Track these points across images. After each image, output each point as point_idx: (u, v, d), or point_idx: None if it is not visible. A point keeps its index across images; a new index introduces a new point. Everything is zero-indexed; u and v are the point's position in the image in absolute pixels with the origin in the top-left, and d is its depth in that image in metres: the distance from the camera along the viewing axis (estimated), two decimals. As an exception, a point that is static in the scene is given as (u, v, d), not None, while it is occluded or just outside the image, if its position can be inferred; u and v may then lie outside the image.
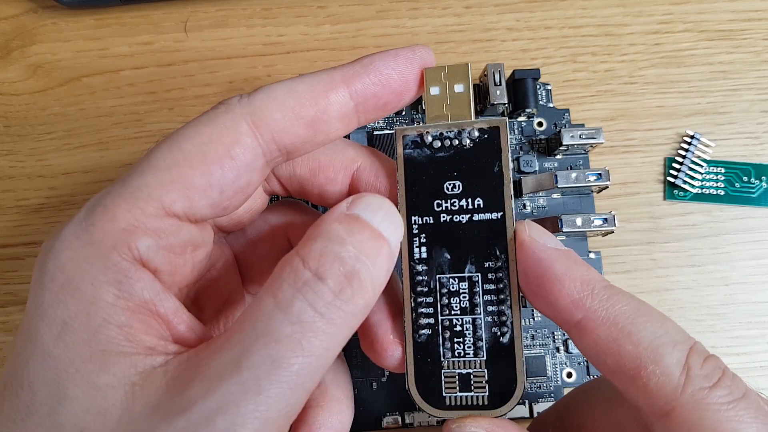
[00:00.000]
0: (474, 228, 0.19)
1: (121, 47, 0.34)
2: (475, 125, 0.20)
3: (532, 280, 0.19)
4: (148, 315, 0.17)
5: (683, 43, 0.35)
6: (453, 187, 0.20)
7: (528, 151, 0.32)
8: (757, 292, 0.32)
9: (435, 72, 0.20)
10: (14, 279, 0.32)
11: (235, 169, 0.18)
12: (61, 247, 0.17)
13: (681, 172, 0.33)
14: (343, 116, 0.19)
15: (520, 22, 0.35)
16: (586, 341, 0.18)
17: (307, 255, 0.17)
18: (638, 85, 0.34)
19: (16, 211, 0.33)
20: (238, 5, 0.35)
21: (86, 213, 0.17)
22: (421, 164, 0.20)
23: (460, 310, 0.19)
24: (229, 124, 0.18)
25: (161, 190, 0.17)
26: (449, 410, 0.19)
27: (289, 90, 0.18)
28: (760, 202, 0.33)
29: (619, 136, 0.34)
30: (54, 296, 0.16)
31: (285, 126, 0.18)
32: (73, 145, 0.33)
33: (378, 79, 0.19)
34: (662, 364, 0.17)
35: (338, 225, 0.17)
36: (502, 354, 0.19)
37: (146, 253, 0.17)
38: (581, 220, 0.29)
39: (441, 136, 0.20)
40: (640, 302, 0.18)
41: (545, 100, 0.33)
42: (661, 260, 0.32)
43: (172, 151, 0.17)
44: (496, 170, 0.19)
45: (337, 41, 0.34)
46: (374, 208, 0.18)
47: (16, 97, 0.34)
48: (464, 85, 0.20)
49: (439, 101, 0.20)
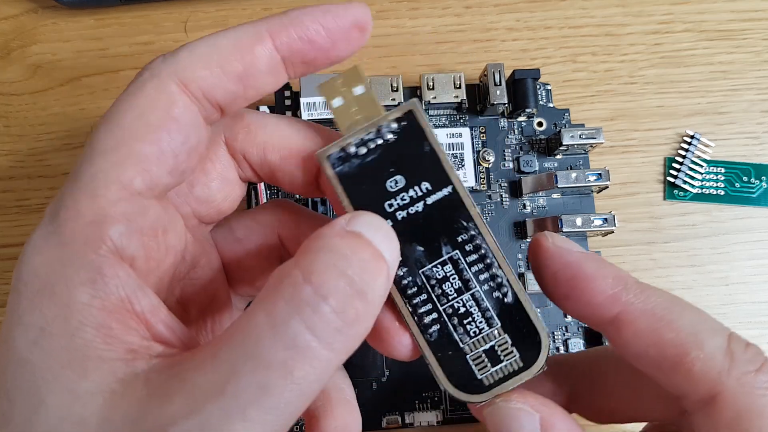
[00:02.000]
0: (432, 211, 0.19)
1: (121, 47, 0.34)
2: (389, 117, 0.19)
3: (564, 284, 0.19)
4: (126, 314, 0.16)
5: (683, 43, 0.35)
6: (396, 183, 0.19)
7: (528, 151, 0.32)
8: (757, 292, 0.32)
9: (330, 85, 0.20)
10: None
11: (181, 129, 0.17)
12: (32, 252, 0.16)
13: (681, 172, 0.33)
14: (271, 70, 0.18)
15: (520, 22, 0.35)
16: (626, 334, 0.18)
17: (309, 267, 0.15)
18: (638, 85, 0.34)
19: (16, 211, 0.33)
20: (238, 5, 0.35)
21: (51, 215, 0.17)
22: (355, 175, 0.19)
23: (456, 292, 0.19)
24: (160, 87, 0.17)
25: (117, 171, 0.17)
26: (492, 389, 0.19)
27: (212, 45, 0.18)
28: (760, 202, 0.33)
29: (619, 136, 0.34)
30: (29, 302, 0.16)
31: (213, 82, 0.18)
32: (73, 145, 0.33)
33: (305, 35, 0.18)
34: (705, 349, 0.17)
35: (340, 240, 0.17)
36: (513, 312, 0.19)
37: (119, 240, 0.16)
38: (581, 220, 0.29)
39: (363, 141, 0.19)
40: (673, 294, 0.18)
41: (545, 100, 0.33)
42: (661, 260, 0.32)
43: (113, 130, 0.17)
44: (427, 149, 0.19)
45: (337, 41, 0.34)
46: (375, 228, 0.18)
47: (16, 97, 0.34)
48: (362, 86, 0.20)
49: (346, 110, 0.20)
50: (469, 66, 0.34)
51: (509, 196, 0.32)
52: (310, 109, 0.30)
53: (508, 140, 0.32)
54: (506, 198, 0.32)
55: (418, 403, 0.30)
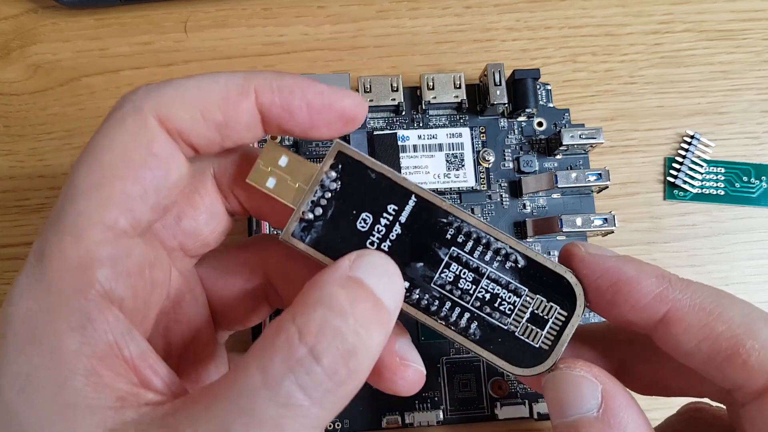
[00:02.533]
0: (410, 226, 0.19)
1: (121, 47, 0.34)
2: (325, 168, 0.19)
3: (606, 290, 0.19)
4: (116, 360, 0.16)
5: (683, 43, 0.35)
6: (365, 221, 0.19)
7: (528, 151, 0.32)
8: (757, 292, 0.32)
9: (256, 174, 0.20)
10: (14, 279, 0.32)
11: (163, 165, 0.17)
12: (19, 297, 0.16)
13: (681, 172, 0.33)
14: (250, 126, 0.18)
15: (520, 22, 0.35)
16: (676, 331, 0.18)
17: (305, 326, 0.15)
18: (638, 85, 0.34)
19: (16, 211, 0.33)
20: (238, 5, 0.35)
21: (35, 258, 0.16)
22: (326, 236, 0.19)
23: (473, 283, 0.19)
24: (139, 121, 0.17)
25: (100, 212, 0.16)
26: (553, 350, 0.19)
27: (199, 88, 0.18)
28: (760, 202, 0.33)
29: (619, 136, 0.34)
30: (18, 350, 0.15)
31: (191, 126, 0.18)
32: (73, 145, 0.33)
33: (287, 105, 0.18)
34: (760, 338, 0.17)
35: (340, 290, 0.16)
36: (531, 272, 0.19)
37: (107, 284, 0.16)
38: (581, 220, 0.29)
39: (314, 203, 0.19)
40: (716, 288, 0.18)
41: (545, 100, 0.33)
42: (661, 260, 0.32)
43: (93, 168, 0.17)
44: (374, 176, 0.19)
45: (337, 41, 0.34)
46: (379, 272, 0.17)
47: (16, 97, 0.34)
48: (284, 155, 0.20)
49: (283, 185, 0.20)
50: (469, 66, 0.34)
51: (509, 196, 0.32)
52: (310, 109, 0.30)
53: (508, 140, 0.33)
54: (506, 198, 0.32)
55: (418, 403, 0.30)
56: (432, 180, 0.31)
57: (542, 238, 0.31)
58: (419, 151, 0.31)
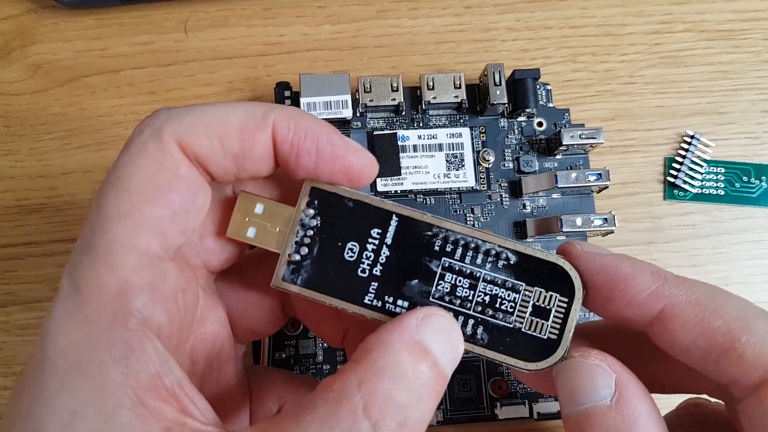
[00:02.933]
0: (398, 246, 0.19)
1: (121, 47, 0.34)
2: (302, 207, 0.19)
3: (603, 287, 0.19)
4: (160, 390, 0.16)
5: (683, 43, 0.35)
6: (352, 251, 0.19)
7: (528, 151, 0.32)
8: (757, 292, 0.32)
9: (234, 227, 0.20)
10: (14, 279, 0.32)
11: (190, 188, 0.18)
12: (57, 331, 0.16)
13: (681, 172, 0.33)
14: (265, 158, 0.19)
15: (520, 22, 0.35)
16: (673, 327, 0.18)
17: (371, 399, 0.16)
18: (638, 85, 0.34)
19: (16, 211, 0.33)
20: (238, 5, 0.35)
21: (70, 289, 0.16)
22: (316, 274, 0.19)
23: (470, 289, 0.19)
24: (162, 147, 0.17)
25: (132, 238, 0.16)
26: (562, 339, 0.19)
27: (219, 116, 0.18)
28: (760, 202, 0.33)
29: (619, 136, 0.34)
30: (59, 383, 0.15)
31: (209, 153, 0.18)
32: (73, 145, 0.33)
33: (297, 145, 0.19)
34: (755, 333, 0.17)
35: (407, 357, 0.17)
36: (524, 266, 0.19)
37: (145, 311, 0.16)
38: (581, 220, 0.29)
39: (298, 243, 0.19)
40: (712, 284, 0.19)
41: (545, 100, 0.33)
42: (661, 260, 0.32)
43: (120, 195, 0.17)
44: (351, 204, 0.19)
45: (337, 41, 0.34)
46: (445, 338, 0.18)
47: (16, 97, 0.34)
48: (259, 203, 0.20)
49: (264, 232, 0.20)
50: (469, 66, 0.34)
51: (509, 196, 0.32)
52: (310, 109, 0.30)
53: (508, 140, 0.33)
54: (506, 198, 0.32)
55: (418, 403, 0.30)
56: (432, 180, 0.31)
57: (542, 237, 0.31)
58: (419, 151, 0.31)
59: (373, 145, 0.31)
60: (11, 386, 0.31)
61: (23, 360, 0.31)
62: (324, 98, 0.30)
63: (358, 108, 0.32)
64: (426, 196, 0.32)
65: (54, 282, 0.32)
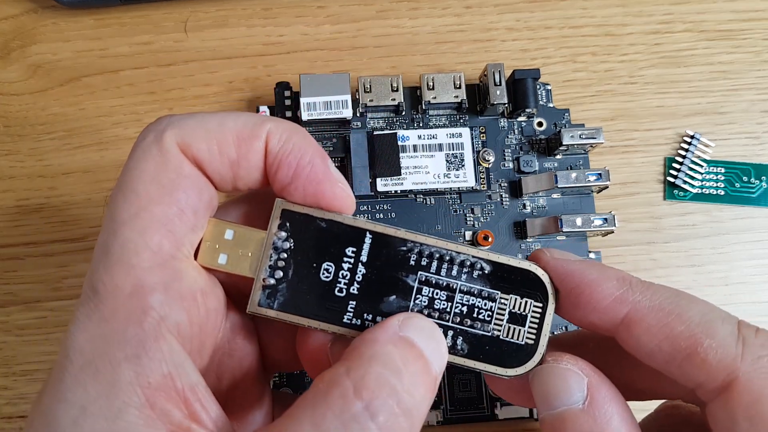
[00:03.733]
0: (373, 263, 0.19)
1: (121, 47, 0.34)
2: (273, 230, 0.19)
3: (570, 292, 0.19)
4: (170, 391, 0.16)
5: (683, 43, 0.35)
6: (328, 271, 0.19)
7: (528, 151, 0.32)
8: (757, 292, 0.32)
9: (205, 254, 0.19)
10: (14, 279, 0.32)
11: (195, 186, 0.18)
12: (76, 329, 0.16)
13: (681, 172, 0.33)
14: (259, 169, 0.19)
15: (520, 22, 0.35)
16: (636, 332, 0.18)
17: (361, 381, 0.16)
18: (638, 85, 0.34)
19: (16, 211, 0.33)
20: (238, 5, 0.35)
21: (90, 291, 0.17)
22: (293, 296, 0.19)
23: (447, 300, 0.19)
24: (164, 149, 0.18)
25: (144, 238, 0.17)
26: (538, 343, 0.19)
27: (218, 123, 0.18)
28: (760, 202, 0.33)
29: (619, 136, 0.34)
30: (74, 379, 0.16)
31: (209, 158, 0.18)
32: (73, 145, 0.33)
33: (278, 160, 0.19)
34: (717, 337, 0.17)
35: (393, 348, 0.17)
36: (499, 274, 0.19)
37: (161, 309, 0.16)
38: (581, 220, 0.29)
39: (272, 267, 0.19)
40: (677, 289, 0.19)
41: (545, 100, 0.33)
42: (661, 260, 0.32)
43: (129, 198, 0.17)
44: (323, 224, 0.19)
45: (337, 41, 0.34)
46: (427, 335, 0.18)
47: (16, 97, 0.34)
48: (229, 228, 0.19)
49: (236, 258, 0.19)
50: (469, 66, 0.34)
51: (509, 196, 0.32)
52: (310, 109, 0.30)
53: (508, 140, 0.33)
54: (506, 198, 0.32)
55: (418, 403, 0.30)
56: (432, 180, 0.31)
57: (542, 238, 0.31)
58: (419, 151, 0.31)
59: (373, 145, 0.31)
60: (11, 386, 0.31)
61: (23, 360, 0.31)
62: (324, 98, 0.30)
63: (358, 108, 0.32)
64: (426, 196, 0.32)
65: (54, 282, 0.32)
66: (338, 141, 0.32)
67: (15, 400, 0.31)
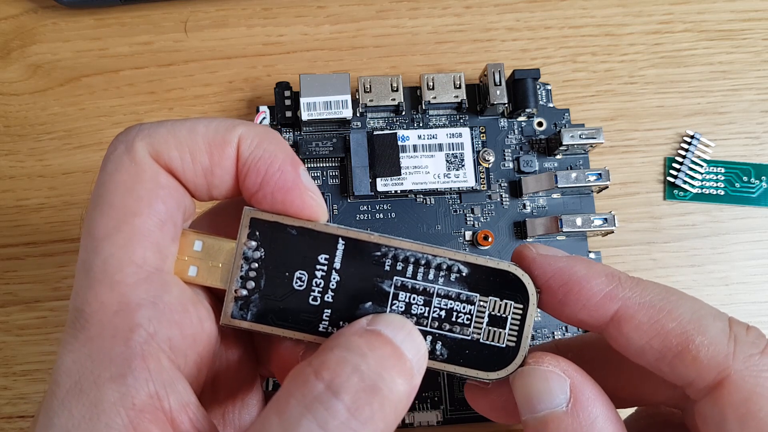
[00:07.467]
0: (347, 270, 0.19)
1: (121, 47, 0.34)
2: (243, 240, 0.19)
3: (558, 290, 0.19)
4: (155, 412, 0.15)
5: (683, 43, 0.35)
6: (301, 279, 0.19)
7: (528, 151, 0.32)
8: (757, 292, 0.32)
9: (176, 266, 0.19)
10: (14, 279, 0.32)
11: (172, 195, 0.17)
12: (64, 351, 0.16)
13: (681, 172, 0.33)
14: (232, 173, 0.18)
15: (520, 22, 0.35)
16: (627, 329, 0.18)
17: (321, 365, 0.15)
18: (638, 85, 0.34)
19: (16, 211, 0.33)
20: (238, 5, 0.35)
21: (75, 312, 0.16)
22: (267, 306, 0.19)
23: (425, 305, 0.19)
24: (136, 160, 0.17)
25: (127, 253, 0.16)
26: (520, 346, 0.19)
27: (190, 130, 0.18)
28: (760, 202, 0.33)
29: (619, 136, 0.34)
30: (60, 402, 0.15)
31: (183, 167, 0.17)
32: (73, 145, 0.33)
33: (248, 165, 0.18)
34: (708, 334, 0.17)
35: (358, 338, 0.16)
36: (477, 276, 0.19)
37: (149, 326, 0.16)
38: (581, 220, 0.29)
39: (243, 278, 0.19)
40: (667, 286, 0.18)
41: (545, 100, 0.33)
42: (661, 260, 0.32)
43: (106, 212, 0.17)
44: (294, 232, 0.19)
45: (337, 41, 0.34)
46: (396, 326, 0.17)
47: (16, 97, 0.34)
48: (197, 240, 0.19)
49: (206, 270, 0.19)
50: (469, 66, 0.34)
51: (509, 196, 0.32)
52: (310, 109, 0.30)
53: (508, 140, 0.33)
54: (506, 198, 0.32)
55: (418, 403, 0.30)
56: (432, 180, 0.31)
57: (542, 237, 0.31)
58: (419, 151, 0.31)
59: (373, 145, 0.31)
60: (11, 386, 0.31)
61: (23, 360, 0.31)
62: (324, 98, 0.31)
63: (358, 108, 0.32)
64: (426, 196, 0.32)
65: (54, 282, 0.32)
66: (338, 141, 0.32)
67: (15, 400, 0.31)
